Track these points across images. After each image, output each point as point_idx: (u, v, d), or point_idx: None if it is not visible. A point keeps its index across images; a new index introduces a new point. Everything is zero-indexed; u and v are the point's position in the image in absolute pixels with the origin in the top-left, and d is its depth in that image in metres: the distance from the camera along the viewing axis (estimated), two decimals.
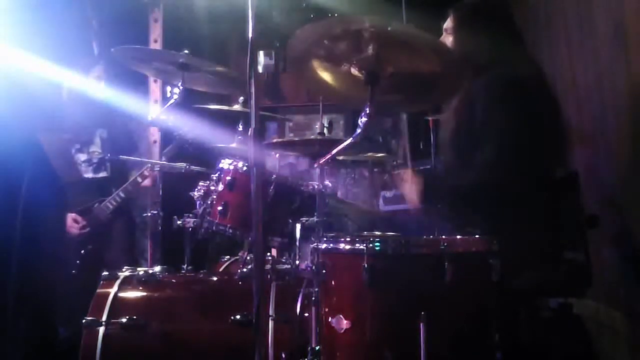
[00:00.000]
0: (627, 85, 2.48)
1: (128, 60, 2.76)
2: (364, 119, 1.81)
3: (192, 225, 2.50)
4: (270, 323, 2.11)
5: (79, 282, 3.13)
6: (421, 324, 1.61)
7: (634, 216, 2.44)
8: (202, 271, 2.63)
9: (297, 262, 2.19)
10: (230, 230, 2.37)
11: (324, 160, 2.04)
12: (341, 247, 1.82)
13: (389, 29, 1.73)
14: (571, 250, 2.15)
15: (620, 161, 2.57)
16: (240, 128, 2.97)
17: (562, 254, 2.14)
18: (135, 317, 2.14)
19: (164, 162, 2.99)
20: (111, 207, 3.35)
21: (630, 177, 2.47)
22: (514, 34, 2.33)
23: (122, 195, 3.35)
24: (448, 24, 2.36)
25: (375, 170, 4.62)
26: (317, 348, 1.87)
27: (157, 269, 2.43)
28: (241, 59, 4.71)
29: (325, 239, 1.90)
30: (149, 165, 3.24)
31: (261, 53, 4.74)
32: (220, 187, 2.42)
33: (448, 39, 2.33)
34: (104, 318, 2.11)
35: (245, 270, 2.37)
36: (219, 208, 2.38)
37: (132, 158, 3.29)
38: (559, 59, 3.19)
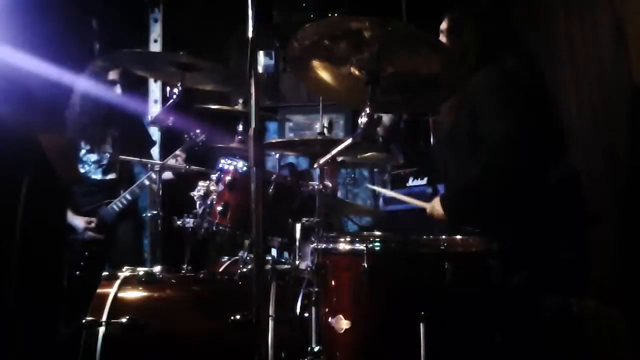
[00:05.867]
0: (628, 84, 2.48)
1: (128, 63, 2.75)
2: (364, 119, 1.81)
3: (192, 225, 2.50)
4: (270, 323, 2.11)
5: (82, 284, 3.11)
6: (421, 324, 1.61)
7: (634, 216, 2.44)
8: (202, 271, 2.62)
9: (297, 262, 2.19)
10: (230, 230, 2.37)
11: (324, 160, 2.04)
12: (341, 247, 1.82)
13: (389, 29, 1.73)
14: (571, 250, 2.15)
15: (620, 161, 2.57)
16: (240, 128, 2.96)
17: (562, 253, 2.14)
18: (135, 317, 2.13)
19: (164, 162, 2.97)
20: (117, 209, 3.30)
21: (630, 177, 2.47)
22: (511, 33, 2.34)
23: (128, 197, 3.29)
24: (443, 25, 2.39)
25: (375, 170, 4.62)
26: (317, 348, 1.87)
27: (157, 269, 2.43)
28: (241, 59, 4.71)
29: (325, 239, 1.90)
30: (151, 165, 3.19)
31: (261, 53, 4.74)
32: (220, 187, 2.42)
33: (443, 40, 2.35)
34: (104, 318, 2.11)
35: (245, 270, 2.37)
36: (219, 208, 2.39)
37: (130, 158, 3.23)
38: (560, 58, 3.19)
